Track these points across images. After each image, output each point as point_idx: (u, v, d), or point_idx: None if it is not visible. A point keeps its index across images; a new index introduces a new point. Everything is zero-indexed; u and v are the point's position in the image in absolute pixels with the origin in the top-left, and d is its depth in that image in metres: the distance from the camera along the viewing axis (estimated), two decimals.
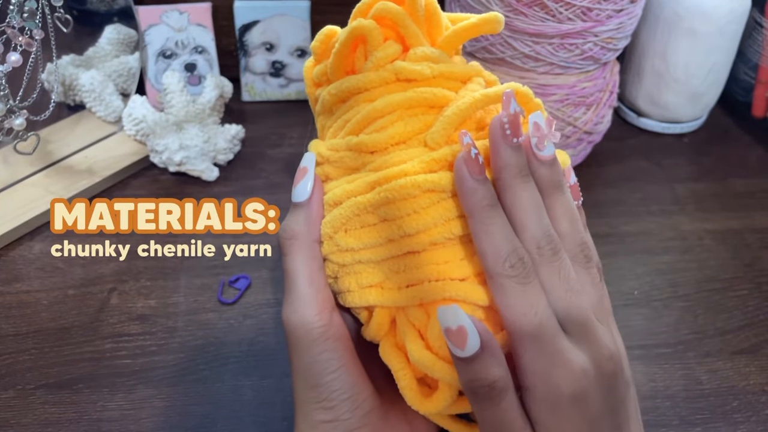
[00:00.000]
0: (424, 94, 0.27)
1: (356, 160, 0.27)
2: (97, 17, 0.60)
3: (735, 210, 0.54)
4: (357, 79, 0.28)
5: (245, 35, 0.63)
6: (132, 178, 0.55)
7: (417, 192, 0.25)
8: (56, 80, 0.54)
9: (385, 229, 0.26)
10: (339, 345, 0.27)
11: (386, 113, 0.27)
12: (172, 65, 0.61)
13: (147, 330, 0.43)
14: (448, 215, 0.25)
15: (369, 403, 0.27)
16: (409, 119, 0.27)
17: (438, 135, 0.26)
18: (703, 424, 0.38)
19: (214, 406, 0.38)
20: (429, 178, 0.25)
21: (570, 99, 0.50)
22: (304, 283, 0.27)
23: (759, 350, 0.42)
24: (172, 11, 0.60)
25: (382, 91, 0.28)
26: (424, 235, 0.26)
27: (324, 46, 0.30)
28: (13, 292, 0.45)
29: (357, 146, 0.27)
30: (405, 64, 0.27)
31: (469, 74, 0.28)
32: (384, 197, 0.25)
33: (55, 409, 0.38)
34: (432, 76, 0.27)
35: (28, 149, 0.51)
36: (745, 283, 0.47)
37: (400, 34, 0.28)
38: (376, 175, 0.26)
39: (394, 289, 0.27)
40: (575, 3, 0.45)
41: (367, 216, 0.26)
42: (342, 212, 0.26)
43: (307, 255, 0.27)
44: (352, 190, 0.26)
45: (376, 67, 0.28)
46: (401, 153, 0.26)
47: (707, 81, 0.60)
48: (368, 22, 0.27)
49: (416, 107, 0.27)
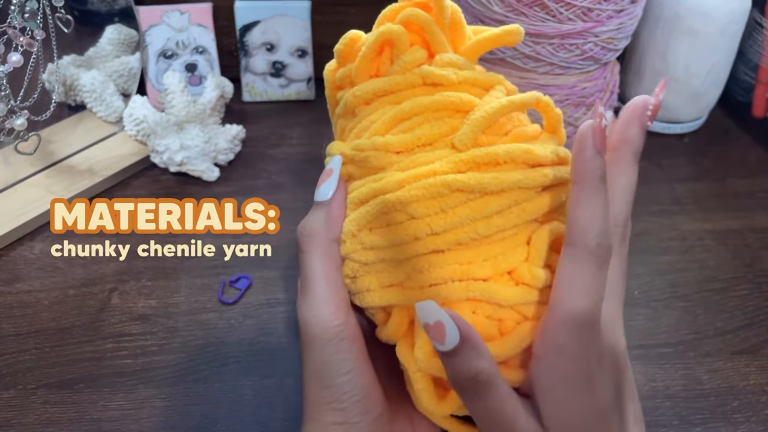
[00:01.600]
0: (451, 98, 0.27)
1: (382, 159, 0.27)
2: (97, 17, 0.60)
3: (735, 210, 0.54)
4: (383, 82, 0.28)
5: (246, 35, 0.63)
6: (133, 178, 0.55)
7: (446, 191, 0.25)
8: (57, 80, 0.54)
9: (412, 227, 0.26)
10: (354, 346, 0.26)
11: (413, 115, 0.28)
12: (173, 65, 0.62)
13: (148, 330, 0.43)
14: (475, 215, 0.26)
15: (379, 408, 0.27)
16: (435, 122, 0.27)
17: (466, 137, 0.26)
18: (703, 424, 0.38)
19: (214, 406, 0.38)
20: (458, 177, 0.25)
21: (570, 99, 0.50)
22: (322, 281, 0.26)
23: (759, 350, 0.42)
24: (173, 11, 0.60)
25: (408, 94, 0.28)
26: (450, 234, 0.26)
27: (348, 49, 0.30)
28: (13, 292, 0.45)
29: (384, 146, 0.27)
30: (431, 68, 0.28)
31: (492, 82, 0.29)
32: (413, 195, 0.26)
33: (56, 408, 0.38)
34: (457, 81, 0.28)
35: (29, 149, 0.51)
36: (745, 283, 0.47)
37: (426, 40, 0.29)
38: (404, 174, 0.26)
39: (416, 288, 0.27)
40: (576, 3, 0.45)
41: (394, 214, 0.26)
42: (369, 210, 0.27)
43: (324, 253, 0.27)
44: (379, 188, 0.27)
45: (402, 70, 0.28)
46: (428, 154, 0.27)
47: (707, 81, 0.60)
48: (397, 26, 0.28)
49: (442, 110, 0.27)
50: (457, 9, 0.29)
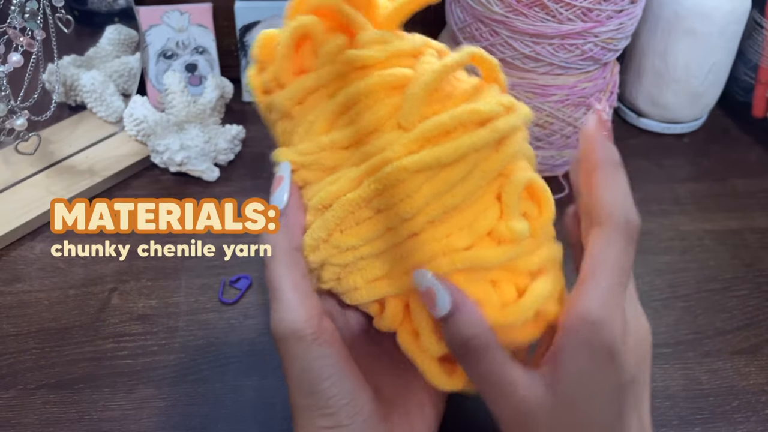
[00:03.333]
0: (385, 78, 0.26)
1: (332, 159, 0.27)
2: (98, 18, 0.60)
3: (735, 210, 0.54)
4: (312, 78, 0.27)
5: (246, 36, 0.63)
6: (133, 179, 0.55)
7: (405, 175, 0.25)
8: (57, 81, 0.54)
9: (382, 219, 0.26)
10: (332, 350, 0.27)
11: (351, 105, 0.27)
12: (173, 66, 0.62)
13: (148, 330, 0.43)
14: (440, 190, 0.25)
15: (369, 407, 0.27)
16: (375, 106, 0.26)
17: (410, 114, 0.26)
18: (702, 424, 0.38)
19: (214, 406, 0.38)
20: (414, 159, 0.25)
21: (570, 99, 0.50)
22: (289, 291, 0.26)
23: (759, 350, 0.42)
24: (173, 12, 0.60)
25: (340, 85, 0.27)
26: (421, 216, 0.26)
27: (266, 50, 0.29)
28: (14, 292, 0.45)
29: (330, 145, 0.27)
30: (356, 52, 0.27)
31: (420, 48, 0.28)
32: (374, 189, 0.25)
33: (56, 409, 0.38)
34: (385, 57, 0.27)
35: (29, 149, 0.52)
36: (745, 283, 0.47)
37: (342, 22, 0.27)
38: (359, 170, 0.26)
39: (402, 275, 0.27)
40: (575, 3, 0.45)
41: (360, 211, 0.26)
42: (334, 214, 0.26)
43: (287, 263, 0.27)
44: (338, 189, 0.26)
45: (327, 61, 0.27)
46: (377, 141, 0.26)
47: (707, 81, 0.60)
48: (308, 18, 0.27)
49: (379, 92, 0.26)
50: None
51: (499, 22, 0.47)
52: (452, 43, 0.53)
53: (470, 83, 0.28)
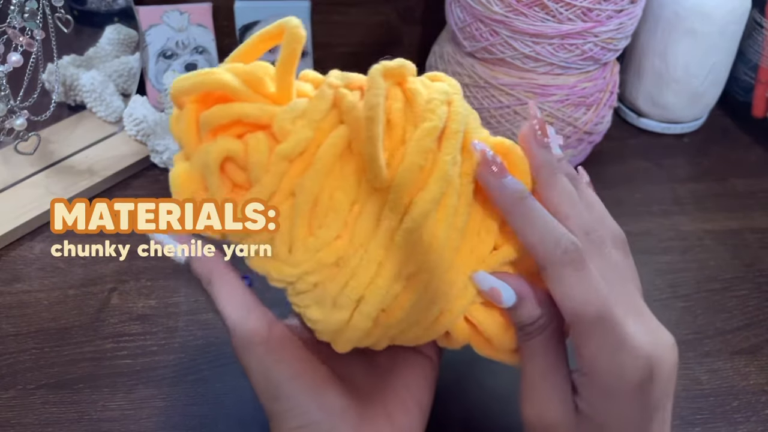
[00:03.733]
0: (327, 152, 0.25)
1: (332, 254, 0.26)
2: (97, 17, 0.60)
3: (735, 210, 0.54)
4: (258, 194, 0.26)
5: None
6: (132, 178, 0.55)
7: (421, 221, 0.25)
8: (57, 80, 0.54)
9: (415, 283, 0.27)
10: (285, 354, 0.28)
11: (317, 197, 0.26)
12: (173, 65, 0.61)
13: (148, 330, 0.43)
14: (448, 216, 0.26)
15: (339, 402, 0.27)
16: (342, 183, 0.26)
17: (379, 178, 0.25)
18: (703, 424, 0.38)
19: (214, 406, 0.38)
20: (421, 205, 0.25)
21: (570, 99, 0.50)
22: (233, 310, 0.28)
23: (759, 350, 0.42)
24: (173, 11, 0.60)
25: (291, 181, 0.26)
26: (447, 250, 0.26)
27: (186, 189, 0.27)
28: (13, 292, 0.45)
29: (323, 243, 0.26)
30: (285, 145, 0.25)
31: (336, 95, 0.26)
32: (400, 258, 0.26)
33: (56, 409, 0.38)
34: (314, 131, 0.26)
35: (29, 149, 0.51)
36: (745, 283, 0.47)
37: (246, 123, 0.26)
38: (371, 250, 0.26)
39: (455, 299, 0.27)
40: (575, 3, 0.45)
41: (396, 286, 0.26)
42: (373, 305, 0.26)
43: (223, 282, 0.28)
44: (365, 279, 0.26)
45: (262, 172, 0.26)
46: (367, 214, 0.26)
47: (707, 81, 0.60)
48: (222, 144, 0.26)
49: (333, 169, 0.26)
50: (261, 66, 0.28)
51: (499, 22, 0.47)
52: (452, 43, 0.53)
53: (398, 100, 0.27)
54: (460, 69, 0.52)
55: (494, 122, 0.51)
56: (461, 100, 0.27)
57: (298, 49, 0.27)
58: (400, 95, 0.27)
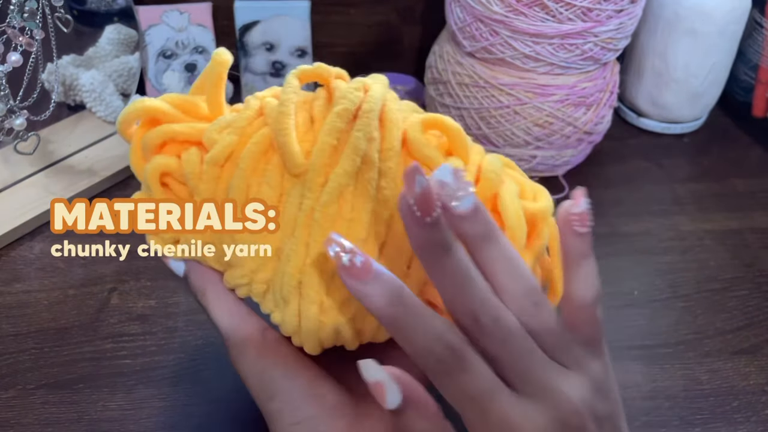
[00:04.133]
0: (251, 152, 0.27)
1: (274, 241, 0.27)
2: (97, 17, 0.60)
3: (735, 210, 0.54)
4: (201, 198, 0.28)
5: (245, 35, 0.63)
6: (132, 178, 0.55)
7: (334, 208, 0.26)
8: (56, 80, 0.54)
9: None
10: (279, 355, 0.28)
11: (247, 194, 0.27)
12: (173, 65, 0.61)
13: (147, 330, 0.43)
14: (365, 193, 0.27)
15: (333, 397, 0.28)
16: (267, 179, 0.27)
17: (295, 164, 0.26)
18: (703, 424, 0.38)
19: (214, 406, 0.38)
20: (328, 191, 0.26)
21: (570, 99, 0.50)
22: (226, 319, 0.29)
23: (759, 350, 0.42)
24: (173, 11, 0.60)
25: (222, 186, 0.28)
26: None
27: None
28: (13, 292, 0.45)
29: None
30: (213, 152, 0.27)
31: (259, 105, 0.28)
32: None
33: (56, 409, 0.38)
34: (239, 136, 0.27)
35: (29, 149, 0.51)
36: (745, 283, 0.47)
37: (181, 141, 0.29)
38: (294, 246, 0.26)
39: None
40: (575, 3, 0.45)
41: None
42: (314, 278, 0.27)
43: (217, 295, 0.29)
44: (296, 261, 0.26)
45: (197, 181, 0.28)
46: (290, 204, 0.27)
47: (707, 81, 0.60)
48: (157, 162, 0.28)
49: (257, 165, 0.27)
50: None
51: (499, 22, 0.47)
52: (452, 43, 0.53)
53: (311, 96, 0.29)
54: (460, 69, 0.52)
55: (494, 122, 0.51)
56: (380, 88, 0.27)
57: (222, 71, 0.29)
58: (324, 94, 0.28)
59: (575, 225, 0.25)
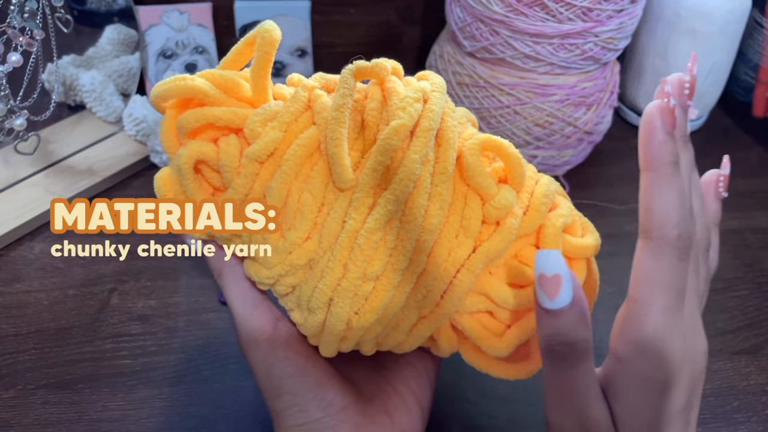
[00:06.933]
0: (296, 154, 0.25)
1: (303, 255, 0.26)
2: (97, 17, 0.59)
3: (735, 210, 0.54)
4: (235, 193, 0.26)
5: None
6: (132, 179, 0.55)
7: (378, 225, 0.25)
8: (57, 80, 0.54)
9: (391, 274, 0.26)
10: (290, 351, 0.28)
11: (285, 198, 0.26)
12: (173, 65, 0.61)
13: (147, 330, 0.43)
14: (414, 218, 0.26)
15: (340, 400, 0.28)
16: (308, 185, 0.26)
17: (343, 174, 0.25)
18: (703, 424, 0.38)
19: (214, 407, 0.38)
20: (378, 210, 0.25)
21: (570, 99, 0.50)
22: (240, 305, 0.28)
23: (759, 350, 0.42)
24: (173, 11, 0.60)
25: (261, 183, 0.26)
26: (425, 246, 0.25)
27: (169, 189, 0.28)
28: (13, 292, 0.45)
29: (292, 245, 0.26)
30: (254, 147, 0.25)
31: (308, 96, 0.27)
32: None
33: (56, 409, 0.38)
34: (284, 133, 0.26)
35: (29, 149, 0.51)
36: (745, 283, 0.47)
37: (220, 126, 0.27)
38: (333, 257, 0.26)
39: (435, 307, 0.26)
40: (576, 3, 0.45)
41: (366, 285, 0.26)
42: (346, 293, 0.26)
43: (233, 279, 0.29)
44: (331, 280, 0.26)
45: (233, 175, 0.26)
46: (334, 214, 0.26)
47: (707, 81, 0.60)
48: (195, 146, 0.26)
49: (301, 170, 0.26)
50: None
51: (499, 22, 0.47)
52: (452, 43, 0.53)
53: (374, 98, 0.27)
54: (460, 69, 0.52)
55: (494, 122, 0.51)
56: (440, 98, 0.26)
57: (271, 52, 0.27)
58: (378, 95, 0.26)
59: (720, 188, 0.27)
